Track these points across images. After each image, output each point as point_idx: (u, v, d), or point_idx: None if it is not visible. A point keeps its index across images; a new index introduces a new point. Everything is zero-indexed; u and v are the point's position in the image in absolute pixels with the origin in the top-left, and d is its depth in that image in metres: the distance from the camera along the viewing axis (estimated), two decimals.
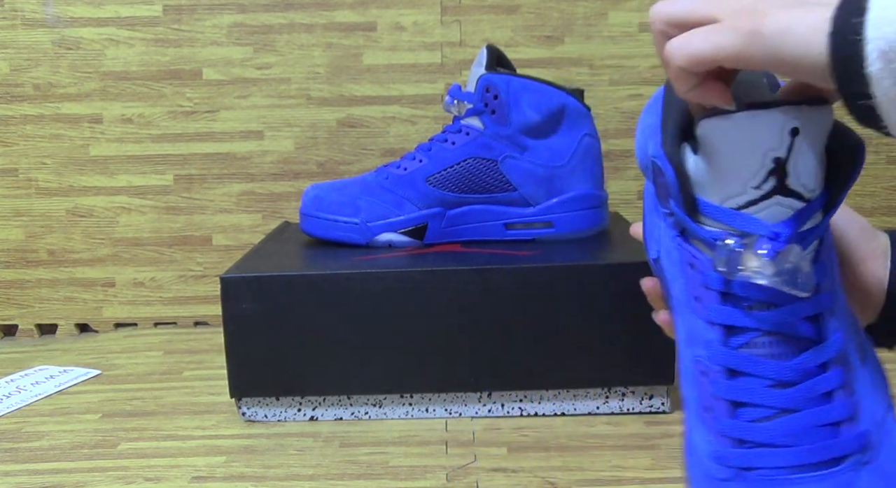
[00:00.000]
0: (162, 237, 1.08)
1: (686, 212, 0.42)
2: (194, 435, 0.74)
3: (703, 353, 0.43)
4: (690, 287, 0.44)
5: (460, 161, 0.82)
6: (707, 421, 0.42)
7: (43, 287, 1.08)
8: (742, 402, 0.42)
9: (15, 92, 1.05)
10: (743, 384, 0.42)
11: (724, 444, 0.42)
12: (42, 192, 1.07)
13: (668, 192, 0.43)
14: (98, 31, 1.04)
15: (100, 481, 0.66)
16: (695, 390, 0.43)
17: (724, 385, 0.42)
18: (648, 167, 0.46)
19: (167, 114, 1.05)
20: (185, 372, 0.92)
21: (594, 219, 0.84)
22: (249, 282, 0.73)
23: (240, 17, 1.04)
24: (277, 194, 1.07)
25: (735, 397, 0.42)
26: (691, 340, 0.43)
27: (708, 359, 0.42)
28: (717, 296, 0.42)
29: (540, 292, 0.73)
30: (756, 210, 0.41)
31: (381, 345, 0.74)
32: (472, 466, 0.66)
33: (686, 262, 0.44)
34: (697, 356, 0.43)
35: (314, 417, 0.77)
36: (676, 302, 0.45)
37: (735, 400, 0.42)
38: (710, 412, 0.42)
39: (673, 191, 0.43)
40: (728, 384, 0.42)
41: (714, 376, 0.42)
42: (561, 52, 1.05)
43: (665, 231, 0.46)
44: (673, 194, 0.43)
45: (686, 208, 0.42)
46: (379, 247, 0.82)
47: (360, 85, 1.05)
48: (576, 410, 0.76)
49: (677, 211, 0.43)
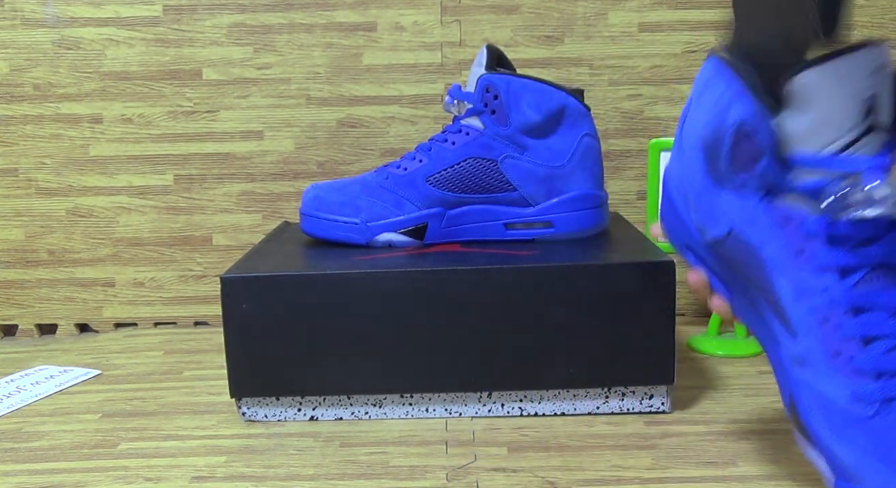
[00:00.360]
0: (162, 237, 1.08)
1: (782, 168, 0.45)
2: (194, 435, 0.74)
3: (819, 301, 0.45)
4: (789, 243, 0.46)
5: (460, 161, 0.82)
6: (838, 366, 0.44)
7: (43, 287, 1.09)
8: (872, 336, 0.44)
9: (15, 92, 1.05)
10: (868, 319, 0.44)
11: (863, 382, 0.44)
12: (42, 192, 1.07)
13: (759, 154, 0.45)
14: (98, 31, 1.04)
15: (100, 481, 0.66)
16: (816, 340, 0.45)
17: (850, 323, 0.44)
18: (726, 134, 0.47)
19: (167, 114, 1.06)
20: (185, 372, 0.92)
21: (594, 219, 0.85)
22: (249, 282, 0.73)
23: (240, 17, 1.04)
24: (277, 194, 1.07)
25: (864, 333, 0.44)
26: (802, 294, 0.45)
27: (828, 305, 0.44)
28: (823, 244, 0.45)
29: (540, 292, 0.73)
30: (855, 150, 0.44)
31: (381, 345, 0.74)
32: (472, 466, 0.66)
33: (776, 223, 0.46)
34: (813, 306, 0.45)
35: (314, 417, 0.77)
36: (772, 263, 0.46)
37: (865, 335, 0.44)
38: (838, 356, 0.44)
39: (768, 150, 0.44)
40: (855, 322, 0.44)
41: (838, 319, 0.44)
42: (561, 52, 1.05)
43: (741, 199, 0.47)
44: (768, 153, 0.44)
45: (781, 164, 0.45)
46: (379, 247, 0.82)
47: (359, 85, 1.05)
48: (576, 410, 0.76)
49: (771, 169, 0.45)
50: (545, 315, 0.73)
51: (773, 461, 0.65)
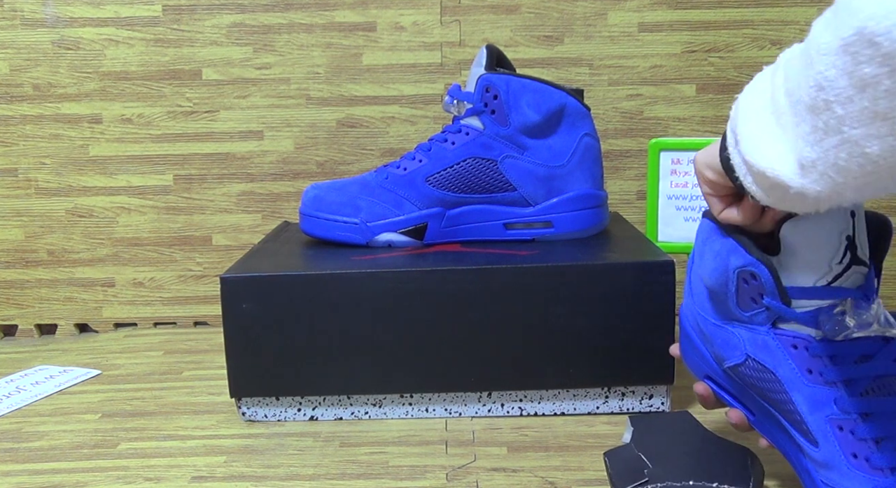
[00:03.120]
0: (162, 237, 1.08)
1: (783, 301, 0.52)
2: (194, 435, 0.74)
3: (833, 411, 0.51)
4: (800, 364, 0.53)
5: (460, 161, 0.82)
6: (857, 466, 0.50)
7: (43, 287, 1.09)
8: (882, 437, 0.50)
9: (15, 92, 1.05)
10: (877, 422, 0.50)
11: (881, 477, 0.49)
12: (42, 192, 1.07)
13: (763, 291, 0.53)
14: (98, 31, 1.04)
15: (100, 481, 0.66)
16: (835, 446, 0.51)
17: (862, 428, 0.50)
18: (729, 280, 0.55)
19: (167, 114, 1.05)
20: (185, 372, 0.92)
21: (594, 219, 0.85)
22: (249, 282, 0.73)
23: (239, 17, 1.04)
24: (277, 194, 1.07)
25: (876, 434, 0.50)
26: (817, 406, 0.52)
27: (841, 414, 0.51)
28: (828, 362, 0.52)
29: (540, 292, 0.73)
30: (841, 281, 0.52)
31: (381, 345, 0.74)
32: (472, 466, 0.66)
33: (788, 346, 0.53)
34: (828, 416, 0.51)
35: (314, 417, 0.77)
36: (788, 382, 0.53)
37: (876, 436, 0.50)
38: (856, 457, 0.50)
39: (769, 288, 0.52)
40: (866, 426, 0.50)
41: (851, 425, 0.51)
42: (561, 52, 1.05)
43: (751, 331, 0.55)
44: (769, 291, 0.52)
45: (782, 299, 0.52)
46: (379, 247, 0.82)
47: (359, 85, 1.05)
48: (576, 410, 0.76)
49: (774, 304, 0.52)
50: (545, 315, 0.73)
51: (773, 461, 0.65)
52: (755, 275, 0.53)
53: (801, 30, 1.03)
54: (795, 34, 1.03)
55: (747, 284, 0.54)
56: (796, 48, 0.46)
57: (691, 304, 0.62)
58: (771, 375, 0.54)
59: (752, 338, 0.55)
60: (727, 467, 0.58)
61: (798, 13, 1.03)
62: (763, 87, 0.49)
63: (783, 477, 0.63)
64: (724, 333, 0.58)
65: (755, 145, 0.47)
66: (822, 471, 0.52)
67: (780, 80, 0.46)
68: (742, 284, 0.54)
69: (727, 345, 0.57)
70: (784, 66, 0.47)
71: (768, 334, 0.54)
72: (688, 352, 0.63)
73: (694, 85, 1.05)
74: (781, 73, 0.47)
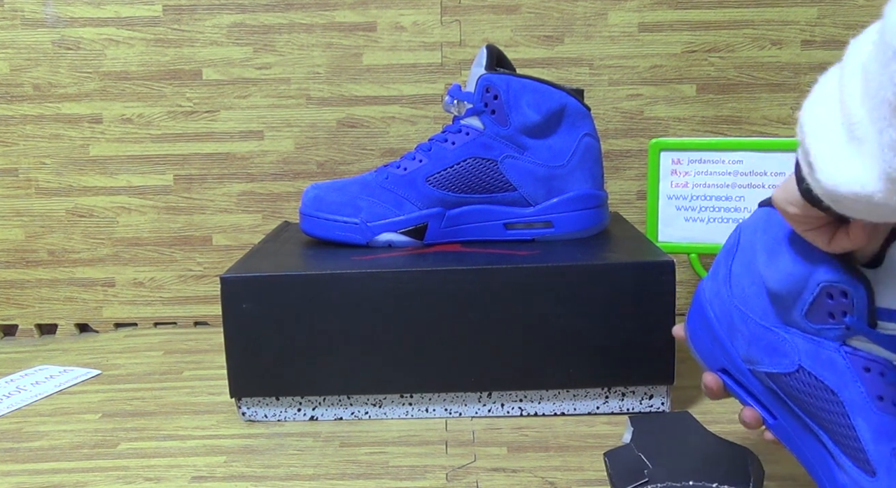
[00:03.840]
0: (162, 237, 1.08)
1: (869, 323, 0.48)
2: (194, 435, 0.74)
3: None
4: (870, 389, 0.49)
5: (460, 161, 0.82)
6: None
7: (43, 287, 1.09)
8: None
9: (15, 92, 1.05)
10: None
11: None
12: (42, 192, 1.07)
13: (848, 311, 0.48)
14: (98, 31, 1.04)
15: (100, 481, 0.66)
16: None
17: None
18: (807, 290, 0.50)
19: (167, 114, 1.06)
20: (185, 372, 0.92)
21: (594, 219, 0.85)
22: (249, 282, 0.73)
23: (240, 17, 1.04)
24: (277, 194, 1.07)
25: None
26: (883, 436, 0.48)
27: None
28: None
29: (540, 292, 0.73)
30: None
31: (381, 345, 0.74)
32: (472, 466, 0.66)
33: (859, 368, 0.49)
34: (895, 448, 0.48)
35: (314, 417, 0.77)
36: (851, 406, 0.49)
37: None
38: None
39: (859, 309, 0.48)
40: None
41: None
42: (561, 52, 1.05)
43: (813, 343, 0.51)
44: (857, 312, 0.48)
45: (869, 321, 0.48)
46: (379, 247, 0.82)
47: (360, 85, 1.05)
48: (576, 410, 0.76)
49: (858, 325, 0.48)
50: (545, 315, 0.73)
51: (773, 461, 0.65)
52: (846, 293, 0.48)
53: (801, 30, 1.03)
54: (796, 34, 1.03)
55: (831, 300, 0.49)
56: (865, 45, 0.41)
57: (725, 294, 0.57)
58: (830, 394, 0.50)
59: (812, 351, 0.51)
60: (727, 467, 0.58)
61: (798, 13, 1.03)
62: (828, 97, 0.43)
63: (783, 477, 0.63)
64: (771, 337, 0.53)
65: (832, 168, 0.41)
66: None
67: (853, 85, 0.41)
68: (823, 298, 0.50)
69: (774, 351, 0.53)
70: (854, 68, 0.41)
71: (838, 352, 0.50)
72: (702, 339, 0.59)
73: (694, 85, 1.05)
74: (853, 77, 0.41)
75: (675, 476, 0.57)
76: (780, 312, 0.53)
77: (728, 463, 0.59)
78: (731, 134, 1.06)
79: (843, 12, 1.03)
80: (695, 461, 0.59)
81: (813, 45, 1.04)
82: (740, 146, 0.91)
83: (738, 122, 1.06)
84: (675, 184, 0.93)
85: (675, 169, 0.93)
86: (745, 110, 1.05)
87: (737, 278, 0.56)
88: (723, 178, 0.92)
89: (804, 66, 1.04)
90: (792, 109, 1.05)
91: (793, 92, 1.05)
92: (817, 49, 1.04)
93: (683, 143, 0.93)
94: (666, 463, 0.59)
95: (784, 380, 0.52)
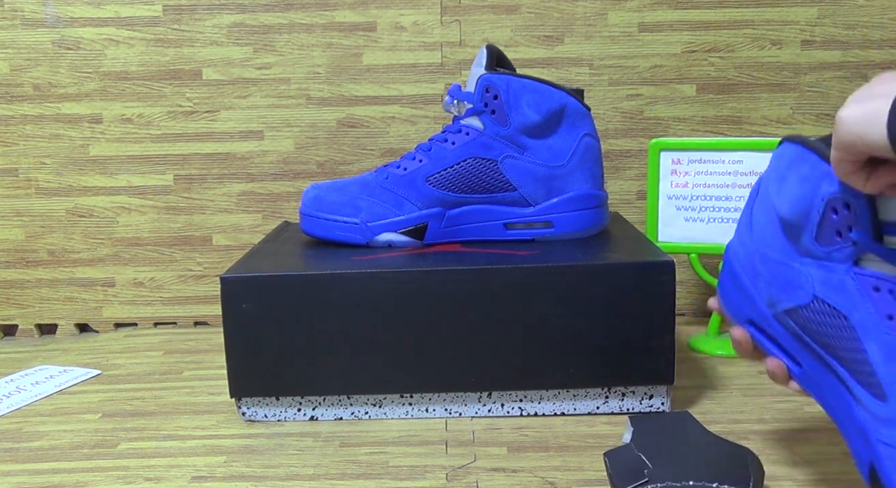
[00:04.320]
0: (162, 237, 1.08)
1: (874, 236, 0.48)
2: (194, 435, 0.74)
3: None
4: (880, 308, 0.48)
5: (460, 161, 0.82)
6: None
7: (43, 287, 1.09)
8: None
9: (15, 92, 1.05)
10: None
11: None
12: (42, 192, 1.07)
13: (852, 224, 0.48)
14: (98, 31, 1.04)
15: (100, 481, 0.66)
16: None
17: None
18: (814, 208, 0.50)
19: (167, 114, 1.06)
20: (185, 372, 0.92)
21: (594, 219, 0.85)
22: (249, 282, 0.73)
23: (240, 17, 1.04)
24: (277, 194, 1.07)
25: None
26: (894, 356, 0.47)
27: None
28: None
29: (540, 292, 0.73)
30: None
31: (381, 345, 0.74)
32: (472, 466, 0.66)
33: (868, 288, 0.49)
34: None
35: (314, 417, 0.77)
36: (862, 328, 0.49)
37: None
38: None
39: (861, 220, 0.47)
40: None
41: None
42: (561, 52, 1.05)
43: (825, 269, 0.50)
44: (860, 223, 0.48)
45: (874, 234, 0.48)
46: (379, 247, 0.82)
47: (360, 85, 1.05)
48: (576, 410, 0.76)
49: (863, 239, 0.48)
50: (545, 315, 0.73)
51: (773, 461, 0.65)
52: (848, 204, 0.48)
53: (801, 30, 1.03)
54: (796, 34, 1.03)
55: (836, 215, 0.49)
56: None
57: (747, 240, 0.57)
58: (842, 320, 0.50)
59: (824, 278, 0.51)
60: (727, 467, 0.58)
61: (798, 13, 1.03)
62: None
63: (783, 477, 0.63)
64: (788, 271, 0.53)
65: None
66: (883, 429, 0.47)
67: None
68: (829, 214, 0.49)
69: (790, 285, 0.53)
70: None
71: (847, 273, 0.49)
72: (730, 293, 0.59)
73: (694, 85, 1.05)
74: None
75: (675, 476, 0.57)
76: (795, 244, 0.53)
77: (728, 463, 0.59)
78: (731, 134, 1.06)
79: (843, 12, 1.03)
80: (695, 461, 0.60)
81: (813, 45, 1.04)
82: (740, 146, 0.91)
83: (738, 122, 1.06)
84: (675, 184, 0.93)
85: (675, 169, 0.93)
86: (745, 110, 1.05)
87: (757, 220, 0.56)
88: (723, 178, 0.92)
89: (804, 66, 1.04)
90: (792, 109, 1.05)
91: (793, 92, 1.05)
92: (817, 49, 1.04)
93: (683, 143, 0.93)
94: (666, 463, 0.59)
95: (803, 315, 0.52)
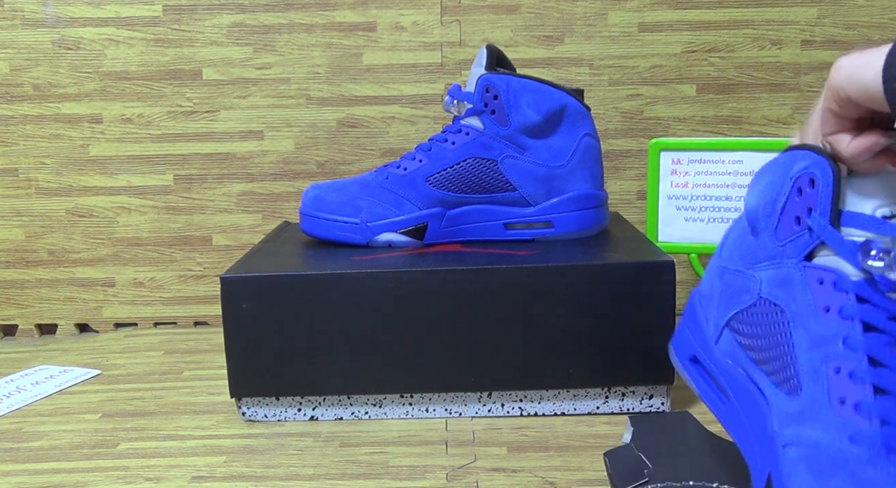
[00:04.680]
0: (162, 237, 1.08)
1: (831, 217, 0.47)
2: (194, 435, 0.74)
3: (837, 349, 0.46)
4: (818, 300, 0.48)
5: (460, 161, 0.82)
6: (840, 412, 0.44)
7: (43, 287, 1.09)
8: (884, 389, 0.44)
9: (15, 92, 1.05)
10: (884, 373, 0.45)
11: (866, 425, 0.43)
12: (42, 192, 1.07)
13: (813, 206, 0.48)
14: (98, 31, 1.04)
15: (100, 481, 0.66)
16: (823, 388, 0.46)
17: (865, 371, 0.45)
18: (781, 194, 0.50)
19: (167, 114, 1.06)
20: (185, 372, 0.92)
21: (594, 219, 0.85)
22: (249, 282, 0.73)
23: (240, 17, 1.04)
24: (277, 194, 1.07)
25: (878, 382, 0.44)
26: (820, 342, 0.47)
27: (845, 353, 0.45)
28: (854, 300, 0.46)
29: (540, 292, 0.73)
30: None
31: (381, 345, 0.74)
32: (472, 466, 0.66)
33: (813, 280, 0.48)
34: (829, 354, 0.46)
35: (314, 417, 0.77)
36: (794, 317, 0.49)
37: (878, 385, 0.44)
38: (844, 403, 0.45)
39: (823, 197, 0.47)
40: (871, 370, 0.45)
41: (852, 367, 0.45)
42: (561, 52, 1.05)
43: (776, 267, 0.50)
44: (821, 202, 0.47)
45: (832, 217, 0.47)
46: (379, 247, 0.82)
47: (360, 85, 1.05)
48: (576, 410, 0.76)
49: (819, 222, 0.47)
50: (545, 315, 0.73)
51: None
52: (814, 180, 0.48)
53: (801, 30, 1.03)
54: (796, 34, 1.03)
55: (800, 196, 0.49)
56: None
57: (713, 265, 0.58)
58: (777, 315, 0.50)
59: (772, 276, 0.51)
60: (727, 467, 0.58)
61: (798, 13, 1.03)
62: None
63: None
64: (741, 279, 0.53)
65: None
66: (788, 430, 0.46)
67: None
68: (794, 197, 0.49)
69: (739, 291, 0.53)
70: None
71: (795, 267, 0.49)
72: (681, 332, 0.60)
73: (694, 85, 1.05)
74: None
75: (675, 476, 0.57)
76: (755, 246, 0.53)
77: (728, 462, 0.59)
78: (731, 134, 1.06)
79: (843, 12, 1.03)
80: (695, 461, 0.60)
81: (813, 45, 1.04)
82: (740, 146, 0.91)
83: (738, 122, 1.06)
84: (675, 184, 0.93)
85: (675, 169, 0.93)
86: (745, 110, 1.05)
87: (727, 238, 0.57)
88: (723, 178, 0.92)
89: (804, 66, 1.04)
90: (792, 109, 1.05)
91: (793, 92, 1.05)
92: (817, 49, 1.04)
93: (683, 143, 0.93)
94: (666, 463, 0.59)
95: (743, 319, 0.53)
